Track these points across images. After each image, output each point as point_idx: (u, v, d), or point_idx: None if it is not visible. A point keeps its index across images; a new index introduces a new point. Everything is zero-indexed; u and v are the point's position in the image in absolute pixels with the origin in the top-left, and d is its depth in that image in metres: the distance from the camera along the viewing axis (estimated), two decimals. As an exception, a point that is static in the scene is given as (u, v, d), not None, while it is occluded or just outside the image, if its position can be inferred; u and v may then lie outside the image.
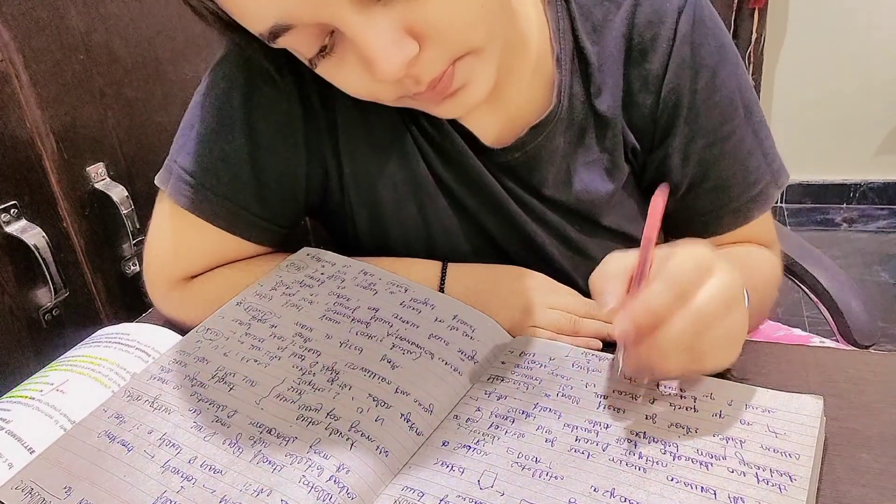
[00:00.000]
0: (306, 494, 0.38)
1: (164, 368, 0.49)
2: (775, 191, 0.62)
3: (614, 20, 0.56)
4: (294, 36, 0.42)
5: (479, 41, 0.44)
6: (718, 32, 0.57)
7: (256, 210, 0.59)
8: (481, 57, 0.45)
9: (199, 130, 0.57)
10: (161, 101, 0.91)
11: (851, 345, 0.74)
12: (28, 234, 0.73)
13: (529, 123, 0.57)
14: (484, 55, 0.45)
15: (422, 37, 0.41)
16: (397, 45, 0.40)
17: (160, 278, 0.61)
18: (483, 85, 0.47)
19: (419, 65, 0.42)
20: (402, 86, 0.45)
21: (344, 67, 0.45)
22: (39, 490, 0.41)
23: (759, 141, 0.60)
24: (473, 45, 0.44)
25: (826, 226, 2.42)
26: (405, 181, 0.60)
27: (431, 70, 0.43)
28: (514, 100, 0.58)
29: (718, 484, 0.37)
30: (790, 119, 2.40)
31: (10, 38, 0.71)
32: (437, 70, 0.43)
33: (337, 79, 0.47)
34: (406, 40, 0.41)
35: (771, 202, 0.62)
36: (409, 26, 0.41)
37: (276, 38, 0.42)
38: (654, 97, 0.57)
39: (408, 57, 0.41)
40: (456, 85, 0.45)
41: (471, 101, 0.47)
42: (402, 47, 0.41)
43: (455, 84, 0.45)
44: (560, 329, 0.54)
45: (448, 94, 0.46)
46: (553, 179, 0.59)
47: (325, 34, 0.43)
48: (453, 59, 0.44)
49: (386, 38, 0.40)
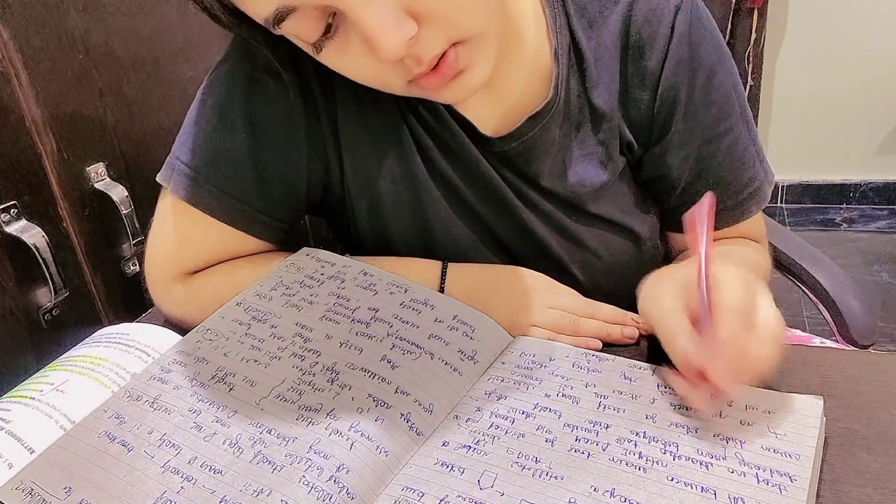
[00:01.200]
0: (306, 494, 0.38)
1: (164, 368, 0.49)
2: (768, 188, 0.64)
3: (610, 17, 0.58)
4: (297, 19, 0.43)
5: (477, 25, 0.45)
6: (715, 32, 0.59)
7: (258, 206, 0.59)
8: (480, 42, 0.47)
9: (201, 128, 0.58)
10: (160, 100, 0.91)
11: (851, 345, 0.74)
12: (28, 233, 0.73)
13: (527, 115, 0.58)
14: (483, 40, 0.47)
15: (420, 16, 0.43)
16: (397, 24, 0.42)
17: (161, 273, 0.61)
18: (484, 68, 0.48)
19: (419, 44, 0.44)
20: (404, 67, 0.46)
21: (348, 51, 0.46)
22: (39, 490, 0.41)
23: (752, 139, 0.62)
24: (471, 28, 0.45)
25: (826, 226, 2.42)
26: (403, 174, 0.60)
27: (431, 49, 0.44)
28: (511, 91, 0.59)
29: (718, 484, 0.37)
30: (790, 119, 2.40)
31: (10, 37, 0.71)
32: (436, 49, 0.45)
33: (342, 65, 0.48)
34: (405, 19, 0.42)
35: (767, 199, 0.64)
36: (408, 6, 0.42)
37: (279, 22, 0.44)
38: (651, 94, 0.59)
39: (408, 35, 0.42)
40: (458, 67, 0.47)
41: (473, 83, 0.48)
42: (401, 26, 0.42)
43: (458, 67, 0.47)
44: (560, 329, 0.54)
45: (451, 78, 0.47)
46: (549, 171, 0.60)
47: (327, 16, 0.44)
48: (451, 39, 0.45)
49: (386, 16, 0.41)
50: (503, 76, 0.57)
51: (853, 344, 0.74)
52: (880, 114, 2.31)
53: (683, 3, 0.57)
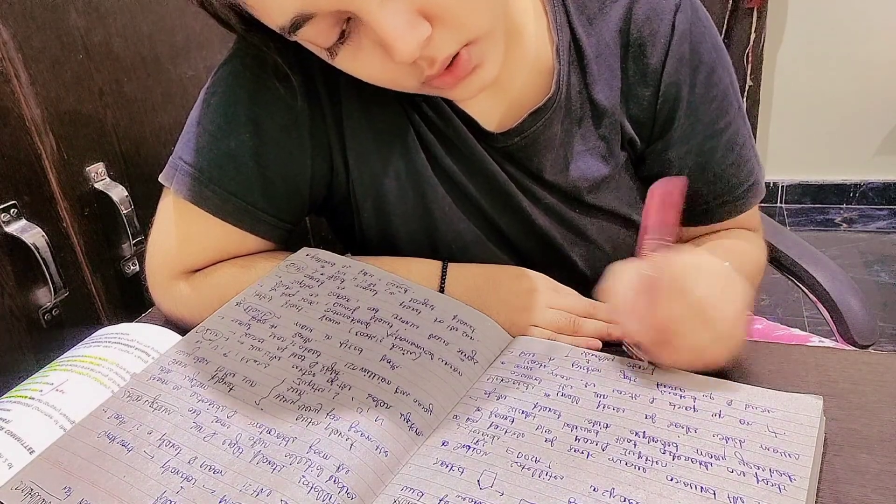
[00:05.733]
0: (306, 494, 0.38)
1: (164, 369, 0.49)
2: (763, 181, 0.66)
3: (610, 14, 0.59)
4: (314, 26, 0.44)
5: (486, 24, 0.46)
6: (713, 30, 0.60)
7: (262, 205, 0.59)
8: (490, 40, 0.48)
9: (204, 127, 0.58)
10: (160, 100, 0.91)
11: (851, 345, 0.74)
12: (28, 233, 0.73)
13: (528, 110, 0.59)
14: (492, 38, 0.48)
15: (433, 18, 0.44)
16: (412, 27, 0.43)
17: (163, 271, 0.61)
18: (494, 65, 0.49)
19: (432, 45, 0.44)
20: (417, 68, 0.47)
21: (361, 54, 0.46)
22: (39, 490, 0.41)
23: (748, 134, 0.64)
24: (481, 28, 0.46)
25: (826, 226, 2.42)
26: (407, 172, 0.61)
27: (443, 50, 0.45)
28: (513, 87, 0.59)
29: (718, 484, 0.37)
30: (790, 119, 2.40)
31: (10, 37, 0.71)
32: (448, 50, 0.45)
33: (356, 68, 0.48)
34: (420, 21, 0.43)
35: (763, 192, 0.67)
36: (421, 8, 0.43)
37: (297, 29, 0.44)
38: (652, 90, 0.60)
39: (422, 37, 0.43)
40: (471, 66, 0.48)
41: (485, 80, 0.49)
42: (416, 28, 0.43)
43: (470, 66, 0.48)
44: (560, 328, 0.55)
45: (464, 77, 0.48)
46: (551, 165, 0.61)
47: (342, 21, 0.45)
48: (463, 41, 0.46)
49: (401, 20, 0.42)
50: (505, 73, 0.58)
51: (853, 344, 0.74)
52: (880, 114, 2.30)
53: (683, 2, 0.58)
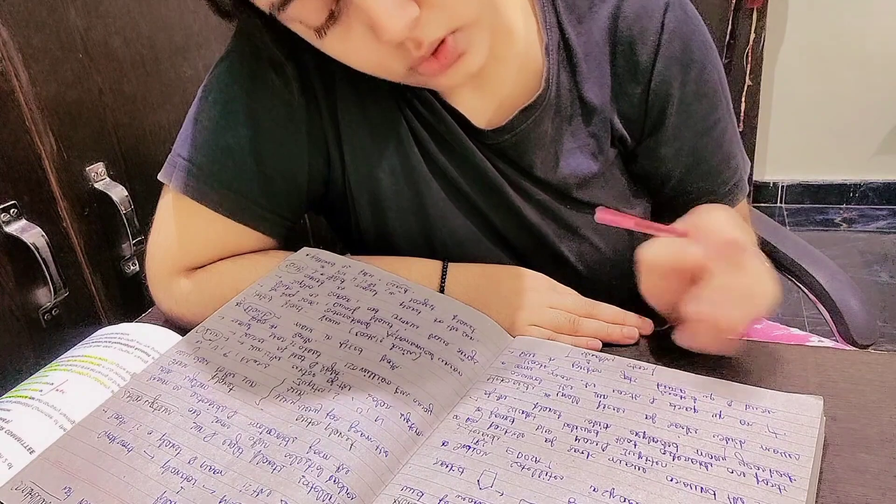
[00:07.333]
0: (306, 494, 0.38)
1: (164, 369, 0.49)
2: (747, 177, 0.68)
3: (599, 12, 0.59)
4: (301, 4, 0.44)
5: (473, 12, 0.47)
6: (702, 27, 0.61)
7: (261, 200, 0.60)
8: (476, 28, 0.48)
9: (203, 124, 0.58)
10: (160, 99, 0.90)
11: (851, 345, 0.74)
12: (28, 233, 0.73)
13: (518, 108, 0.59)
14: (478, 26, 0.48)
15: (422, 1, 0.44)
16: (400, 6, 0.43)
17: (163, 268, 0.61)
18: (480, 53, 0.50)
19: (420, 27, 0.45)
20: (405, 51, 0.47)
21: (350, 36, 0.47)
22: (39, 490, 0.41)
23: (735, 130, 0.65)
24: (468, 15, 0.47)
25: (826, 226, 2.42)
26: (402, 167, 0.61)
27: (431, 33, 0.46)
28: (503, 85, 0.60)
29: (718, 484, 0.37)
30: (790, 119, 2.40)
31: (9, 36, 0.71)
32: (436, 34, 0.46)
33: (344, 51, 0.49)
34: (408, 2, 0.43)
35: (748, 187, 0.68)
36: None
37: (284, 6, 0.44)
38: (642, 88, 0.60)
39: (410, 17, 0.43)
40: (457, 53, 0.48)
41: (470, 67, 0.50)
42: (404, 8, 0.43)
43: (456, 52, 0.48)
44: (560, 328, 0.55)
45: (450, 64, 0.49)
46: (542, 163, 0.61)
47: (331, 1, 0.45)
48: (450, 26, 0.46)
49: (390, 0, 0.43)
50: (495, 71, 0.58)
51: (853, 344, 0.74)
52: (880, 114, 2.30)
53: (672, 0, 0.58)
